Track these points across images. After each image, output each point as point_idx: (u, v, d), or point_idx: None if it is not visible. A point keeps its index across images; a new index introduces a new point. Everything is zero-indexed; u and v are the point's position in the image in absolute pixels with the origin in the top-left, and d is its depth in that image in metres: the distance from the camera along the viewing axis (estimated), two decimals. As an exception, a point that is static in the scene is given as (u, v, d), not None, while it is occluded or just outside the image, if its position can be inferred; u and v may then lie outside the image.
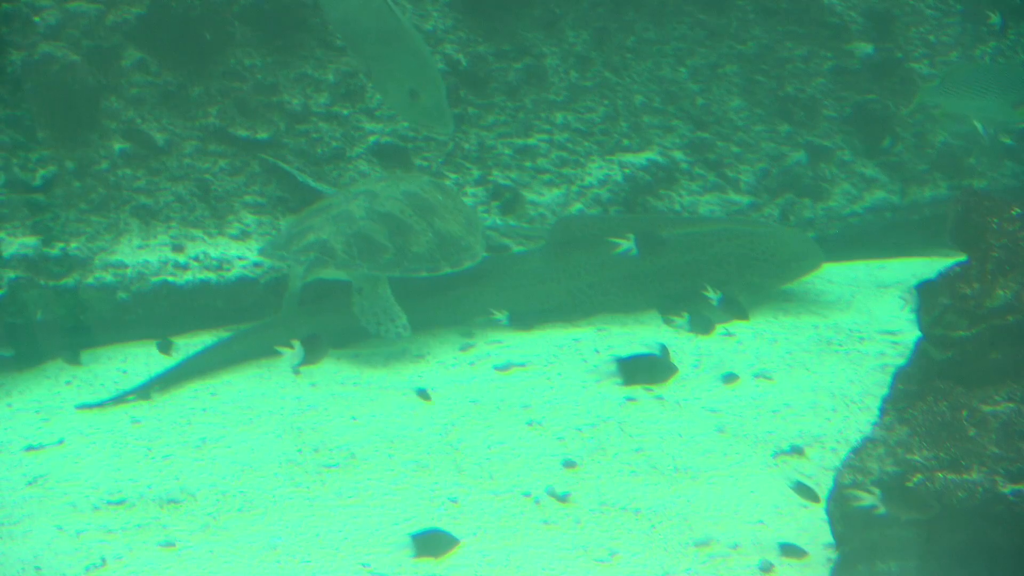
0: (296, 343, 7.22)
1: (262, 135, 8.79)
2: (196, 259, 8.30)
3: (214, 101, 8.76)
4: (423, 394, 7.31)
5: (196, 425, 6.95)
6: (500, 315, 8.28)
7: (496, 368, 7.72)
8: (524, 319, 8.42)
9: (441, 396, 7.29)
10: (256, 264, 8.36)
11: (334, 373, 7.67)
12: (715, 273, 8.56)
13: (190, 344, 8.05)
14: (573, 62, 9.66)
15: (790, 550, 5.49)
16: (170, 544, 5.69)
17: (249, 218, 8.64)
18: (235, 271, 8.32)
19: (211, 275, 8.26)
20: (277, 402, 7.23)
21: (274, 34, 8.93)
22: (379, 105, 9.07)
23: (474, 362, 7.84)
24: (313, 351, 7.25)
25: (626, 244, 8.15)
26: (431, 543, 5.56)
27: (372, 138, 9.01)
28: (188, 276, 8.22)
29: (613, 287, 8.63)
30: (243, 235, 8.55)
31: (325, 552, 5.59)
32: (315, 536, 5.73)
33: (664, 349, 7.64)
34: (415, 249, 8.08)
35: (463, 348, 8.04)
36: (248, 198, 8.71)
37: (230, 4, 8.80)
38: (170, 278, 8.18)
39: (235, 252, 8.40)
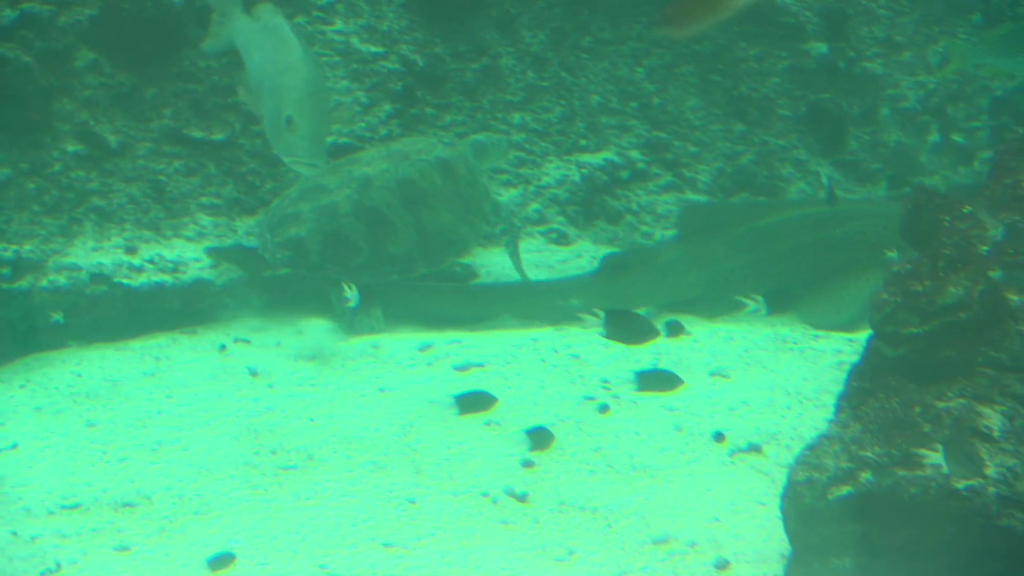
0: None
1: (218, 136, 8.76)
2: (151, 261, 8.26)
3: (168, 102, 8.71)
4: (382, 395, 7.30)
5: (152, 428, 6.91)
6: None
7: (455, 368, 7.72)
8: None
9: (400, 396, 7.28)
10: (212, 265, 8.32)
11: (292, 375, 7.65)
12: (849, 252, 8.48)
13: (147, 346, 8.01)
14: (530, 62, 9.68)
15: (746, 547, 5.52)
16: (125, 548, 5.66)
17: (205, 219, 8.60)
18: (191, 273, 8.29)
19: (166, 277, 8.22)
20: (234, 404, 7.20)
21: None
22: (336, 106, 9.05)
23: (432, 363, 7.83)
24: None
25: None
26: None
27: (330, 139, 8.99)
28: (143, 278, 8.17)
29: (751, 272, 8.58)
30: (199, 237, 8.51)
31: (282, 554, 5.57)
32: (272, 538, 5.71)
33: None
34: (391, 249, 8.04)
35: (422, 348, 8.03)
36: (204, 200, 8.68)
37: (185, 5, 8.76)
38: (124, 280, 8.13)
39: (191, 254, 8.37)
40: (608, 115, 9.80)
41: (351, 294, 7.33)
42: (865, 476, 5.02)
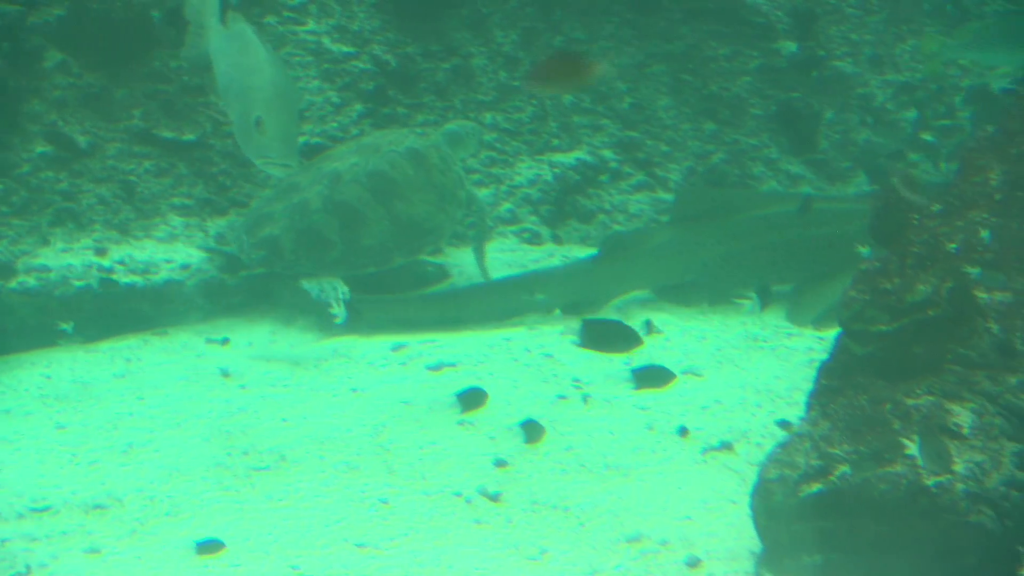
0: None
1: (188, 136, 8.73)
2: (121, 262, 8.22)
3: (138, 103, 8.68)
4: (354, 395, 7.29)
5: (123, 430, 6.88)
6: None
7: (428, 368, 7.71)
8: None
9: (372, 397, 7.27)
10: (184, 267, 8.30)
11: (264, 375, 7.64)
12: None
13: (117, 348, 7.98)
14: (502, 62, 9.69)
15: (717, 545, 5.54)
16: (96, 551, 5.63)
17: (176, 220, 8.58)
18: (162, 274, 8.26)
19: (137, 278, 8.19)
20: (206, 405, 7.18)
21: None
22: (308, 106, 9.04)
23: (405, 362, 7.82)
24: None
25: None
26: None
27: (302, 139, 8.97)
28: (113, 280, 8.14)
29: (746, 260, 8.58)
30: (170, 238, 8.49)
31: (254, 555, 5.56)
32: (244, 540, 5.69)
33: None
34: (366, 242, 8.05)
35: (395, 348, 8.02)
36: (175, 200, 8.65)
37: (155, 6, 8.73)
38: (95, 282, 8.10)
39: (162, 255, 8.34)
40: (580, 114, 9.81)
41: (339, 310, 7.33)
42: (835, 473, 5.05)
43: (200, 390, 7.42)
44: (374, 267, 8.16)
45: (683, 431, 6.73)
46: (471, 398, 7.08)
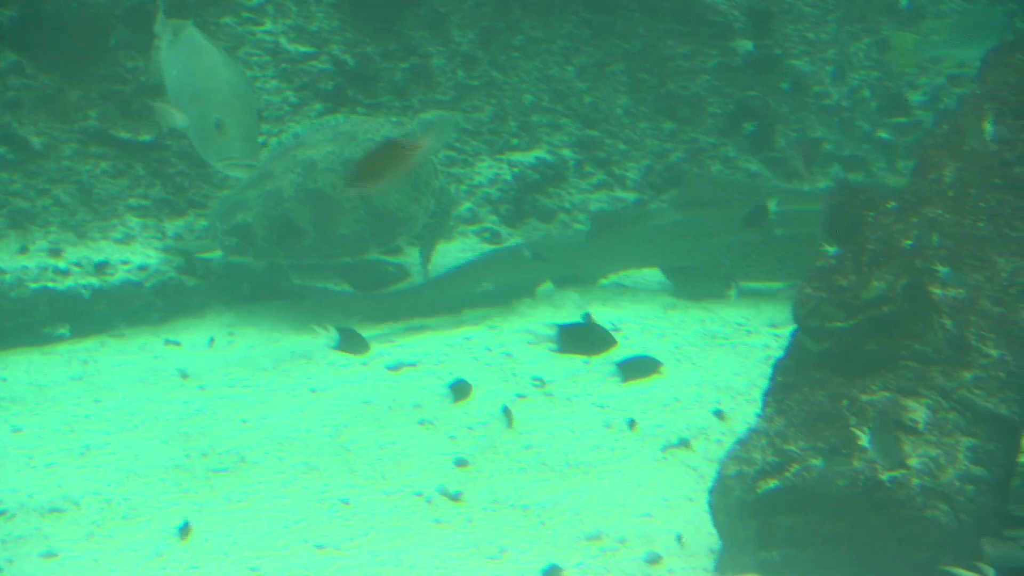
0: None
1: (145, 137, 8.69)
2: (77, 264, 8.18)
3: (94, 104, 8.63)
4: (314, 395, 7.27)
5: (79, 432, 6.83)
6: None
7: (388, 368, 7.70)
8: None
9: (333, 397, 7.25)
10: (141, 267, 8.26)
11: (224, 376, 7.60)
12: None
13: (74, 350, 7.93)
14: (460, 61, 9.69)
15: (677, 542, 5.56)
16: (52, 554, 5.59)
17: (133, 221, 8.53)
18: (119, 275, 8.22)
19: (93, 280, 8.14)
20: (164, 407, 7.14)
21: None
22: (266, 106, 9.01)
23: (366, 362, 7.80)
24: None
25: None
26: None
27: (259, 139, 8.93)
28: (69, 282, 8.08)
29: (752, 251, 8.60)
30: (127, 239, 8.44)
31: (212, 558, 5.53)
32: (203, 542, 5.66)
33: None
34: (341, 231, 8.03)
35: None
36: (132, 201, 8.60)
37: (111, 6, 8.67)
38: (50, 284, 8.04)
39: (119, 256, 8.30)
40: (540, 114, 9.82)
41: (331, 334, 7.30)
42: (792, 470, 5.07)
43: (158, 391, 7.38)
44: (348, 257, 8.18)
45: (643, 429, 6.74)
46: (460, 389, 7.09)
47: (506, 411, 6.91)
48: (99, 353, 7.93)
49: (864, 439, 5.01)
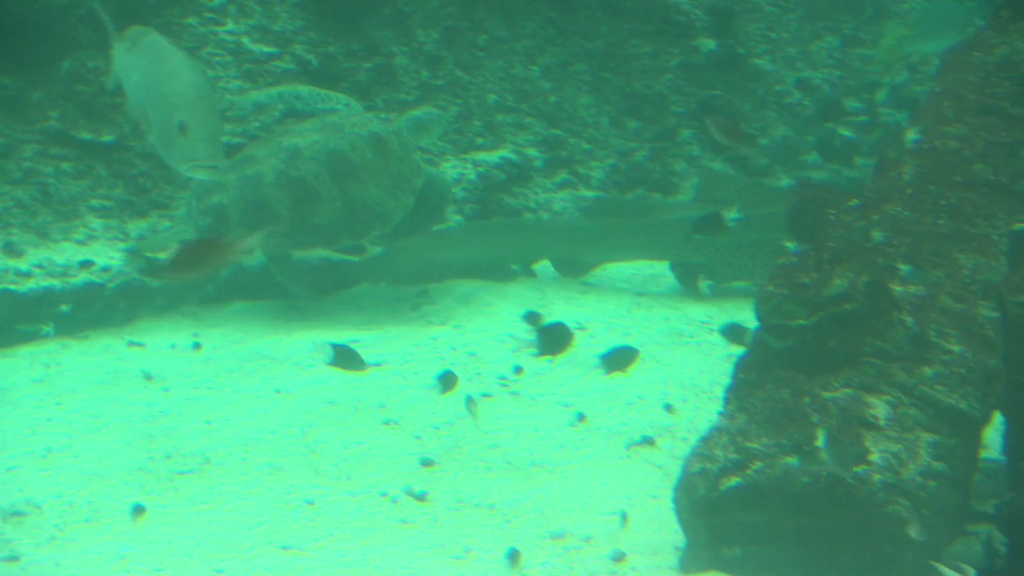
0: None
1: (107, 138, 8.64)
2: (39, 266, 8.12)
3: (56, 104, 8.58)
4: (279, 396, 7.25)
5: (41, 435, 6.78)
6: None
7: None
8: None
9: (298, 398, 7.23)
10: (104, 269, 8.21)
11: (188, 377, 7.57)
12: None
13: (36, 352, 7.88)
14: (424, 61, 9.68)
15: (640, 540, 5.58)
16: (14, 558, 5.55)
17: (96, 222, 8.48)
18: (81, 277, 8.17)
19: (55, 282, 8.10)
20: (128, 409, 7.09)
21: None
22: (229, 106, 8.98)
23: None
24: None
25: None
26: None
27: (223, 139, 8.90)
28: (31, 283, 8.03)
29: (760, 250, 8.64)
30: (89, 240, 8.39)
31: (177, 560, 5.51)
32: (167, 544, 5.64)
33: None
34: (316, 220, 8.05)
35: (320, 348, 7.96)
36: (94, 202, 8.56)
37: (73, 7, 8.62)
38: (12, 286, 7.99)
39: (81, 257, 8.25)
40: (505, 113, 9.82)
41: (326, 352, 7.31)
42: (754, 467, 5.09)
43: (122, 393, 7.34)
44: (322, 246, 8.19)
45: (608, 427, 6.76)
46: (446, 380, 7.08)
47: (470, 403, 6.92)
48: (61, 355, 7.88)
49: (821, 441, 5.04)
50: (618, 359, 6.90)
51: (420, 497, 6.08)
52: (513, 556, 5.49)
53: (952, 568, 4.84)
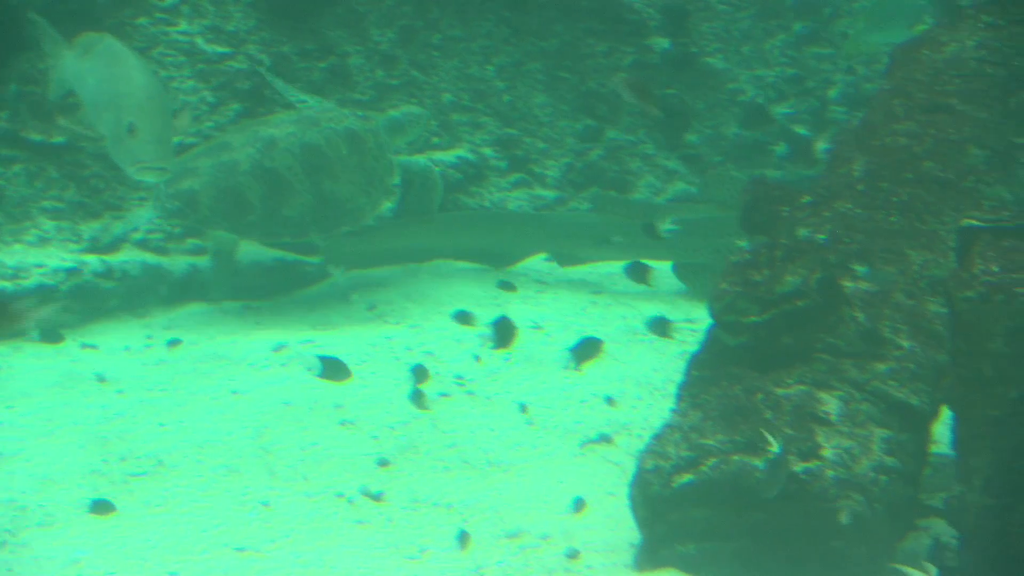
0: None
1: (58, 139, 8.58)
2: (-10, 268, 8.07)
3: (6, 105, 8.51)
4: (235, 397, 7.22)
5: (-7, 439, 6.75)
6: None
7: (309, 369, 7.65)
8: None
9: (253, 399, 7.20)
10: (56, 270, 8.16)
11: (142, 379, 7.52)
12: None
13: (-13, 356, 7.83)
14: (379, 61, 9.66)
15: (596, 537, 5.60)
16: (-34, 563, 5.52)
17: (48, 224, 8.43)
18: (33, 279, 8.11)
19: (6, 284, 8.03)
20: (81, 412, 7.04)
21: (72, 35, 8.72)
22: (182, 106, 8.93)
23: (286, 363, 7.76)
24: None
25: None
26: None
27: (176, 139, 8.86)
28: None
29: None
30: (41, 242, 8.33)
31: (131, 563, 5.48)
32: (120, 547, 5.60)
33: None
34: (286, 212, 8.03)
35: (276, 349, 7.95)
36: (46, 203, 8.49)
37: (24, 7, 8.55)
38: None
39: (32, 259, 8.19)
40: (460, 112, 9.82)
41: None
42: (708, 463, 5.12)
43: (75, 396, 7.28)
44: (289, 238, 8.20)
45: (563, 425, 6.78)
46: (420, 370, 7.19)
47: (415, 395, 6.95)
48: (12, 358, 7.81)
49: (783, 431, 5.07)
50: (585, 350, 7.18)
51: (376, 497, 6.08)
52: (463, 538, 5.56)
53: (915, 568, 4.90)
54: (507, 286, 9.05)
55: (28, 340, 8.04)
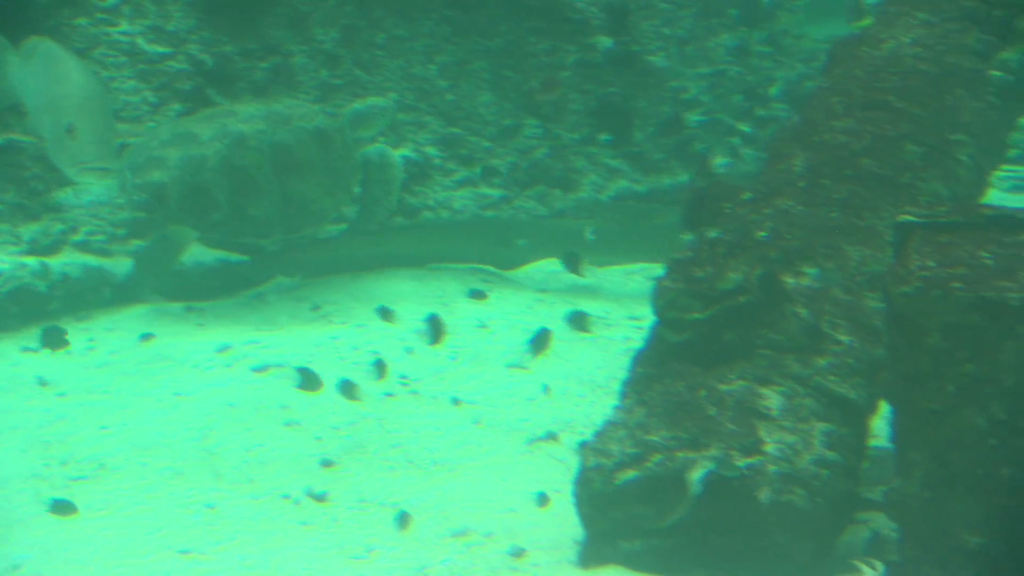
0: None
1: (-2, 141, 8.53)
2: (-74, 271, 7.99)
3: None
4: (178, 399, 7.18)
5: (-70, 445, 6.67)
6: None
7: (253, 369, 7.63)
8: None
9: (197, 400, 7.16)
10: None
11: (84, 382, 7.46)
12: None
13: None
14: (323, 60, 9.63)
15: (541, 535, 5.61)
16: (-97, 571, 5.46)
17: (-15, 227, 8.36)
18: (-30, 282, 8.04)
19: (-56, 287, 7.96)
20: (22, 415, 6.97)
21: (12, 36, 8.64)
22: (124, 106, 8.87)
23: (231, 364, 7.72)
24: None
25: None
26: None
27: (118, 140, 8.79)
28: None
29: None
30: (-22, 245, 8.27)
31: (73, 567, 5.43)
32: (62, 552, 5.55)
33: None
34: (251, 211, 7.97)
35: (219, 350, 7.91)
36: (-18, 205, 8.43)
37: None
38: None
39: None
40: (404, 112, 9.81)
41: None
42: (653, 460, 5.15)
43: (16, 400, 7.21)
44: (253, 238, 8.14)
45: (509, 424, 6.80)
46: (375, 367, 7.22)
47: (344, 386, 6.93)
48: (-49, 362, 7.75)
49: (726, 427, 5.11)
50: (540, 342, 7.58)
51: (321, 498, 6.07)
52: (402, 519, 5.67)
53: (862, 563, 4.96)
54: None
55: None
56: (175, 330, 8.23)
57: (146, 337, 8.07)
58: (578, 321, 8.22)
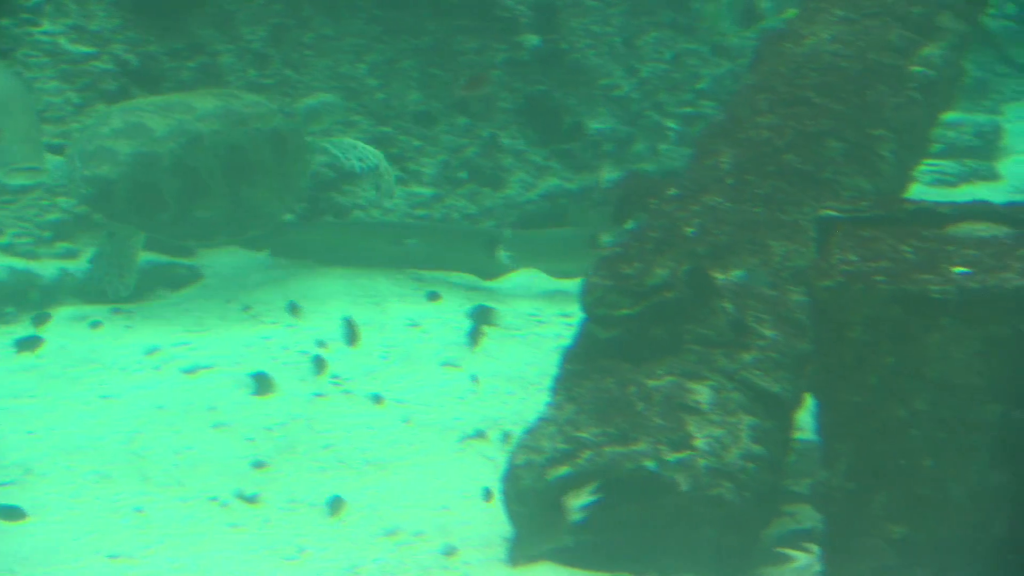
0: None
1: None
2: None
3: None
4: (106, 402, 7.11)
5: None
6: None
7: (183, 371, 7.58)
8: None
9: (125, 403, 7.10)
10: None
11: (9, 386, 7.36)
12: None
13: None
14: (251, 60, 9.58)
15: (472, 533, 5.62)
16: None
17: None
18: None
19: None
20: (-57, 422, 6.90)
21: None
22: (47, 107, 8.78)
23: (159, 366, 7.66)
24: None
25: None
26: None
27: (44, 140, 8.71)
28: None
29: None
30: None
31: (-3, 575, 5.39)
32: (-14, 559, 5.50)
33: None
34: (198, 213, 7.85)
35: (148, 352, 7.84)
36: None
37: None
38: None
39: None
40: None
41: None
42: (584, 456, 5.17)
43: (-64, 406, 7.13)
44: (195, 240, 8.03)
45: (441, 422, 6.81)
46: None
47: (274, 386, 6.95)
48: None
49: (654, 421, 5.14)
50: (481, 315, 7.81)
51: (251, 499, 6.04)
52: (334, 504, 5.73)
53: (797, 550, 5.01)
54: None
55: None
56: (103, 331, 8.15)
57: (73, 340, 7.99)
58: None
